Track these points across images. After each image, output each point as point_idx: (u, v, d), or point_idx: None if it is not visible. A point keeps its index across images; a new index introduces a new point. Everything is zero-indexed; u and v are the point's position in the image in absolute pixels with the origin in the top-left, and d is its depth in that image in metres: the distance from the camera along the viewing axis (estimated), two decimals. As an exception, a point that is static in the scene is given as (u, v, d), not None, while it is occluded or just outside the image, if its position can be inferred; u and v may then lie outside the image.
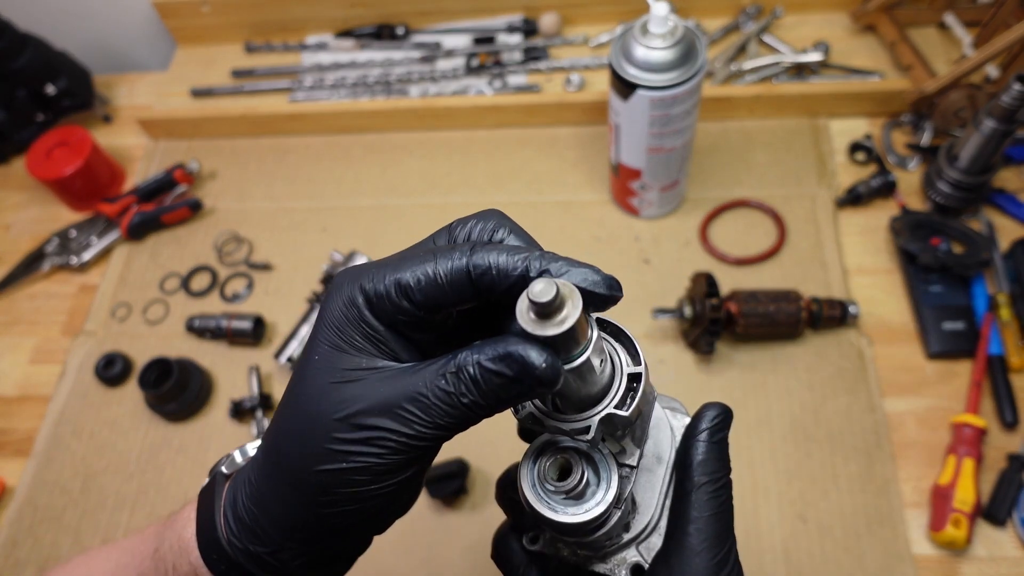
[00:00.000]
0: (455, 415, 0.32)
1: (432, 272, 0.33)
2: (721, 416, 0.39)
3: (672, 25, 0.78)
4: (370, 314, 0.34)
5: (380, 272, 0.34)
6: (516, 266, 0.33)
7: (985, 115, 0.83)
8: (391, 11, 1.18)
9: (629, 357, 0.36)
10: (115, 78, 1.26)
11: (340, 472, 0.33)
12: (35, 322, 1.02)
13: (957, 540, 0.72)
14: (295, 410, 0.34)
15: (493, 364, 0.31)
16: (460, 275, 0.33)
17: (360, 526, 0.37)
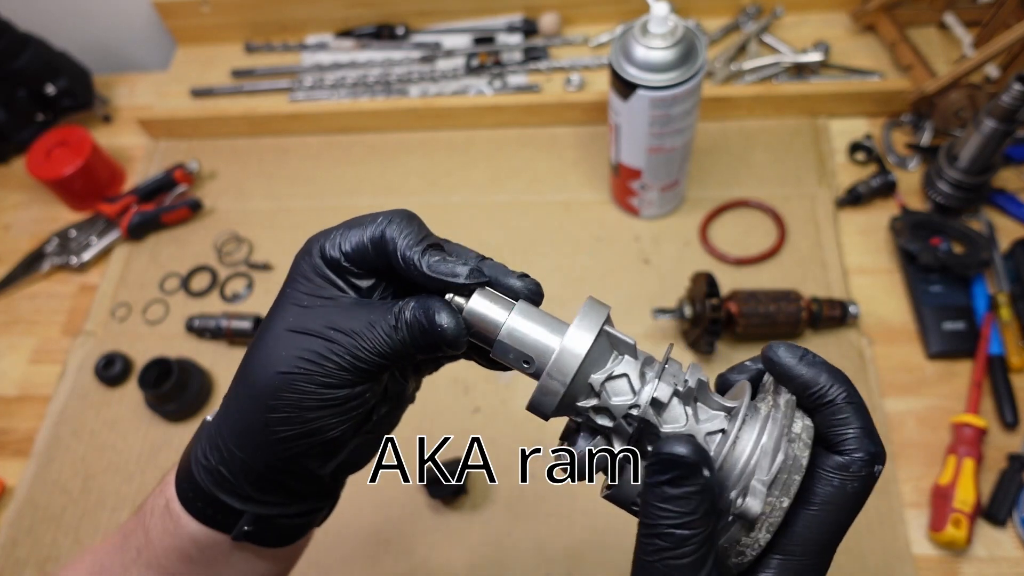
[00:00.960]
0: (391, 346, 0.38)
1: (360, 234, 0.40)
2: (669, 457, 0.34)
3: (672, 25, 0.78)
4: (324, 264, 0.40)
5: (335, 232, 0.41)
6: (405, 248, 0.39)
7: (985, 115, 0.82)
8: (391, 11, 1.18)
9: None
10: (115, 78, 1.26)
11: (291, 377, 0.38)
12: (35, 322, 1.02)
13: (957, 540, 0.72)
14: (265, 328, 0.40)
15: (420, 312, 0.38)
16: (376, 239, 0.40)
17: (300, 445, 0.39)
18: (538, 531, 0.79)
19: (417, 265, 0.39)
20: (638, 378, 0.37)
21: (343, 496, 0.47)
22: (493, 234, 0.99)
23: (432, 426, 0.86)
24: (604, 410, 0.37)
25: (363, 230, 0.40)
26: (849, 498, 0.34)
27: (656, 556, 0.34)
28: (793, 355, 0.36)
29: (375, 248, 0.40)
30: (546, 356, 0.37)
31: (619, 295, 0.92)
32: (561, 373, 0.36)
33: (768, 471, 0.34)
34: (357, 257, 0.40)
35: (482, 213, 1.02)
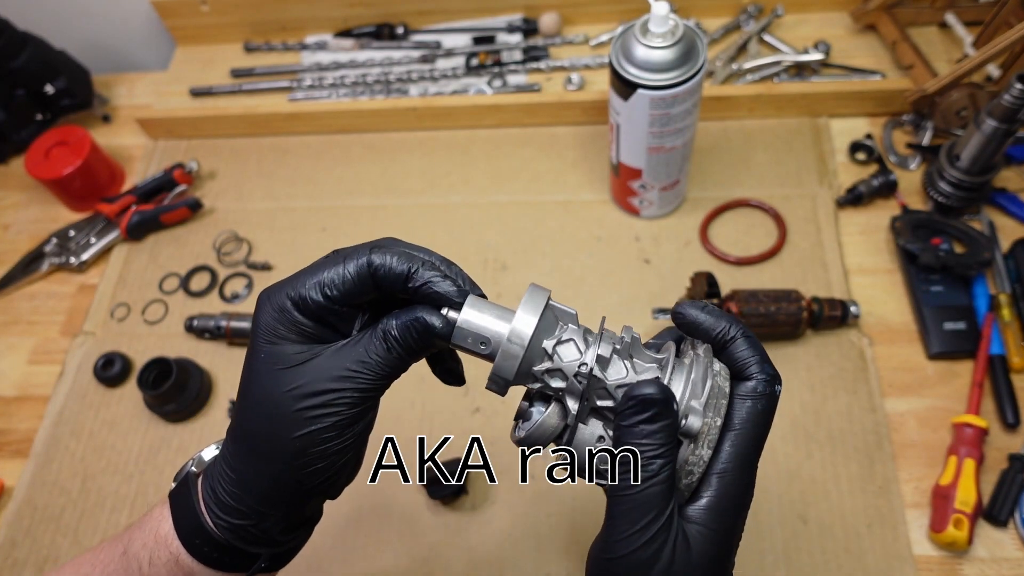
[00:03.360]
0: (390, 365, 0.42)
1: (342, 272, 0.41)
2: (643, 396, 0.40)
3: (672, 24, 0.78)
4: (299, 314, 0.42)
5: (300, 280, 0.42)
6: (403, 268, 0.42)
7: (986, 115, 0.82)
8: (391, 11, 1.18)
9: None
10: (114, 78, 1.26)
11: (312, 434, 0.40)
12: (34, 322, 1.02)
13: (958, 541, 0.72)
14: (257, 399, 0.41)
15: (407, 325, 0.42)
16: (363, 272, 0.42)
17: (325, 485, 0.43)
18: (538, 531, 0.79)
19: (421, 286, 0.42)
20: (582, 341, 0.43)
21: (343, 496, 0.48)
22: (493, 234, 0.99)
23: (432, 426, 0.86)
24: (557, 371, 0.42)
25: (340, 267, 0.42)
26: (760, 415, 0.42)
27: (640, 486, 0.39)
28: (696, 307, 0.44)
29: (360, 280, 0.42)
30: (502, 333, 0.42)
31: (619, 295, 0.92)
32: (519, 338, 0.41)
33: (701, 397, 0.41)
34: (341, 296, 0.42)
35: (482, 213, 1.02)
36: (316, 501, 0.46)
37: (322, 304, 0.41)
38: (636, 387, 0.40)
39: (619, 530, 0.39)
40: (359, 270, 0.41)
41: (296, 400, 0.40)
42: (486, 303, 0.44)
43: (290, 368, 0.41)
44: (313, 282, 0.42)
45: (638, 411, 0.40)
